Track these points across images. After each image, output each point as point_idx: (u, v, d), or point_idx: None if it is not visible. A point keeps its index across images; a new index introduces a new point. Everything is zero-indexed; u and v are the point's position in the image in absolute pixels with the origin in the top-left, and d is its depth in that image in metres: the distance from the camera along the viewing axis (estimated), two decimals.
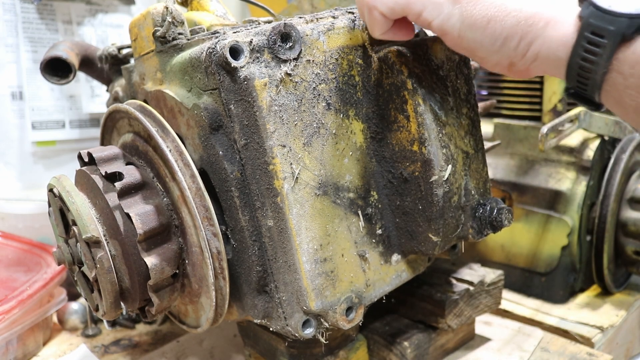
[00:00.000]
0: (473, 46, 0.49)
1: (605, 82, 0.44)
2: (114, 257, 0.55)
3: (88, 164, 0.59)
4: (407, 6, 0.50)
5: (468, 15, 0.48)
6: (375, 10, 0.52)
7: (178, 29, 0.59)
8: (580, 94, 0.47)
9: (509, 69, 0.50)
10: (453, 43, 0.51)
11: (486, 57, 0.49)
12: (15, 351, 0.77)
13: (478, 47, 0.49)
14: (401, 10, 0.50)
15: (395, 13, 0.51)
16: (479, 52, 0.49)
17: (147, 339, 0.85)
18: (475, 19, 0.47)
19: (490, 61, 0.50)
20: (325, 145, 0.55)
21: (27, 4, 1.06)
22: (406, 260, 0.62)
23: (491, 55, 0.49)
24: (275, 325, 0.57)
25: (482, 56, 0.50)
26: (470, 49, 0.50)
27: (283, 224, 0.52)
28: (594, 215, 0.95)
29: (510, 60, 0.48)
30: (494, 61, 0.50)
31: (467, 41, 0.49)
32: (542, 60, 0.47)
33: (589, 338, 0.85)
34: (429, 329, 0.75)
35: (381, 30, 0.53)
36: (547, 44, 0.46)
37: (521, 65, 0.48)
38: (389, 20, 0.52)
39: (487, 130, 1.02)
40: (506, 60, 0.49)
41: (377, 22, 0.52)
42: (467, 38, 0.49)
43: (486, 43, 0.48)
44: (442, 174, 0.56)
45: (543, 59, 0.47)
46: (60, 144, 1.11)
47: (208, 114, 0.54)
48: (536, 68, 0.48)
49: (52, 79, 0.91)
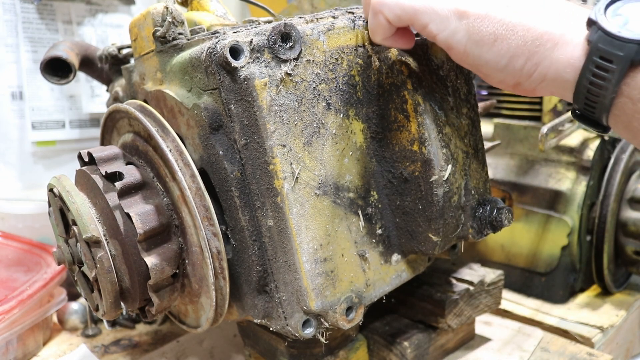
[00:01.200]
0: (478, 63, 0.49)
1: (614, 107, 0.44)
2: (114, 257, 0.55)
3: (88, 163, 0.59)
4: (415, 16, 0.49)
5: (475, 32, 0.47)
6: (380, 15, 0.51)
7: (178, 29, 0.59)
8: (587, 116, 0.46)
9: (515, 87, 0.50)
10: (458, 58, 0.50)
11: (491, 74, 0.49)
12: (15, 351, 0.77)
13: (483, 64, 0.48)
14: (408, 19, 0.50)
15: (401, 21, 0.51)
16: (484, 69, 0.49)
17: (147, 339, 0.85)
18: (482, 36, 0.47)
19: (495, 78, 0.50)
20: (325, 145, 0.55)
21: (27, 4, 1.06)
22: (406, 260, 0.62)
23: (496, 73, 0.49)
24: (275, 325, 0.57)
25: (486, 73, 0.49)
26: (476, 66, 0.49)
27: (283, 223, 0.52)
28: (594, 215, 0.95)
29: (516, 80, 0.48)
30: (499, 79, 0.49)
31: (472, 57, 0.49)
32: (549, 82, 0.47)
33: (589, 338, 0.85)
34: (429, 329, 0.75)
35: (383, 36, 0.53)
36: (554, 65, 0.45)
37: (527, 85, 0.48)
38: (392, 27, 0.52)
39: (487, 130, 1.02)
40: (512, 80, 0.48)
41: (380, 27, 0.52)
42: (473, 55, 0.48)
43: (492, 61, 0.48)
44: (442, 173, 0.56)
45: (550, 81, 0.47)
46: (60, 144, 1.11)
47: (208, 114, 0.54)
48: (543, 89, 0.48)
49: (52, 79, 0.91)
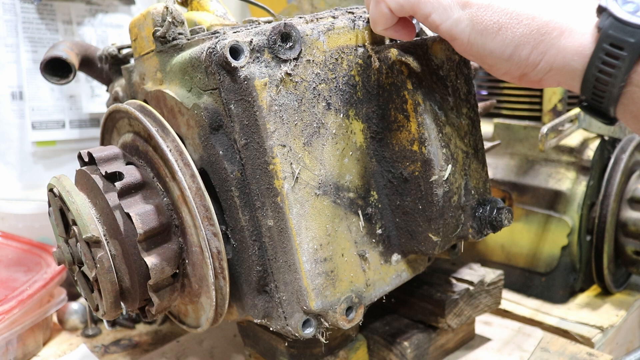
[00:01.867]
0: (482, 53, 0.48)
1: (623, 96, 0.43)
2: (114, 257, 0.55)
3: (88, 163, 0.59)
4: (417, 5, 0.48)
5: (478, 21, 0.46)
6: (382, 3, 0.50)
7: (178, 29, 0.59)
8: (594, 107, 0.46)
9: (521, 78, 0.49)
10: (462, 49, 0.49)
11: (496, 64, 0.48)
12: (15, 351, 0.77)
13: (488, 55, 0.47)
14: (410, 8, 0.49)
15: (404, 10, 0.50)
16: (489, 60, 0.48)
17: (147, 339, 0.85)
18: (486, 25, 0.46)
19: (500, 69, 0.48)
20: (325, 145, 0.55)
21: (27, 4, 1.06)
22: (406, 260, 0.62)
23: (501, 63, 0.47)
24: (275, 325, 0.57)
25: (491, 64, 0.48)
26: (480, 56, 0.48)
27: (283, 223, 0.52)
28: (594, 215, 0.95)
29: (522, 71, 0.47)
30: (504, 69, 0.48)
31: (476, 48, 0.48)
32: (556, 71, 0.46)
33: (589, 338, 0.85)
34: (429, 329, 0.75)
35: (384, 26, 0.52)
36: (561, 54, 0.44)
37: (533, 75, 0.47)
38: (394, 17, 0.51)
39: (487, 130, 1.02)
40: (517, 70, 0.47)
41: (382, 16, 0.51)
42: (477, 44, 0.47)
43: (496, 50, 0.47)
44: (442, 173, 0.56)
45: (557, 70, 0.46)
46: (60, 144, 1.11)
47: (208, 114, 0.54)
48: (550, 79, 0.47)
49: (52, 79, 0.91)
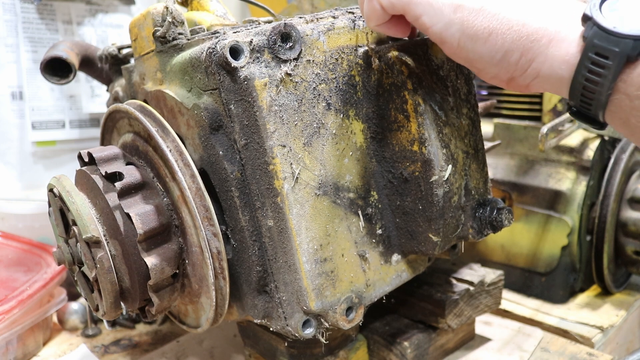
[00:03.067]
0: (472, 57, 0.48)
1: (611, 103, 0.43)
2: (114, 257, 0.55)
3: (88, 164, 0.59)
4: (408, 6, 0.48)
5: (469, 26, 0.47)
6: (375, 0, 0.51)
7: (178, 29, 0.59)
8: (583, 112, 0.46)
9: (509, 83, 0.49)
10: (451, 52, 0.50)
11: (485, 69, 0.49)
12: (15, 351, 0.77)
13: (477, 59, 0.48)
14: (401, 8, 0.49)
15: (395, 9, 0.50)
16: (478, 64, 0.49)
17: (147, 339, 0.85)
18: (477, 30, 0.46)
19: (489, 73, 0.49)
20: (325, 145, 0.55)
21: (27, 4, 1.06)
22: (406, 260, 0.62)
23: (490, 68, 0.48)
24: (275, 325, 0.57)
25: (480, 68, 0.49)
26: (469, 60, 0.49)
27: (283, 224, 0.52)
28: (594, 215, 0.95)
29: (510, 75, 0.48)
30: (493, 73, 0.49)
31: (466, 52, 0.48)
32: (543, 78, 0.46)
33: (589, 338, 0.85)
34: (429, 329, 0.75)
35: (377, 22, 0.52)
36: (549, 62, 0.45)
37: (521, 80, 0.48)
38: (386, 14, 0.51)
39: (487, 130, 1.02)
40: (505, 75, 0.48)
41: (374, 13, 0.51)
42: (467, 49, 0.48)
43: (486, 55, 0.47)
44: (442, 174, 0.56)
45: (545, 77, 0.46)
46: (60, 144, 1.11)
47: (208, 114, 0.54)
48: (537, 85, 0.48)
49: (52, 79, 0.91)
